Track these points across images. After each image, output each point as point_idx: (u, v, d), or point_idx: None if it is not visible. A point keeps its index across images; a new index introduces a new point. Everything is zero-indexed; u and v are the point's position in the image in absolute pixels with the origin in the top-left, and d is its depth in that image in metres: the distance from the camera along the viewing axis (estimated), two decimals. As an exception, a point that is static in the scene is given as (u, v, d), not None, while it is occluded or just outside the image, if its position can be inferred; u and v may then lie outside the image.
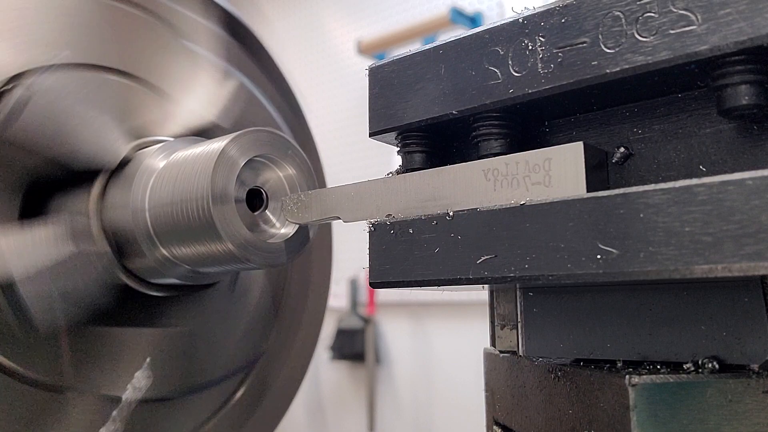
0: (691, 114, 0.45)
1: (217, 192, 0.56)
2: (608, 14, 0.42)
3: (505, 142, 0.49)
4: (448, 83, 0.50)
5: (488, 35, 0.49)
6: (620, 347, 0.49)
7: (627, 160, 0.47)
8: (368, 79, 0.56)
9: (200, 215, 0.57)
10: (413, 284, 0.49)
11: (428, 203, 0.49)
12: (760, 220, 0.33)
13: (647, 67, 0.40)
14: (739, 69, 0.38)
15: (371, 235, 0.52)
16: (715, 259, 0.34)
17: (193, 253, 0.60)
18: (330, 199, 0.56)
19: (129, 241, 0.63)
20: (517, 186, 0.45)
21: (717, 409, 0.42)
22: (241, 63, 0.80)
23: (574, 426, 0.47)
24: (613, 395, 0.44)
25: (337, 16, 4.34)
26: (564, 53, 0.44)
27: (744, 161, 0.42)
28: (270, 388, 0.80)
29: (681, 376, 0.43)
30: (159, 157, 0.64)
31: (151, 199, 0.61)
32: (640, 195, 0.37)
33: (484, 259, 0.44)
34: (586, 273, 0.39)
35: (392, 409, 3.81)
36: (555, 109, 0.51)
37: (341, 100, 4.02)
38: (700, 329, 0.45)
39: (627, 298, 0.49)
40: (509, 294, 0.59)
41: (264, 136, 0.60)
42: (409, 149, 0.55)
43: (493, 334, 0.62)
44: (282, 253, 0.60)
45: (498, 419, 0.59)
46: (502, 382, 0.58)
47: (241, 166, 0.58)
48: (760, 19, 0.36)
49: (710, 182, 0.35)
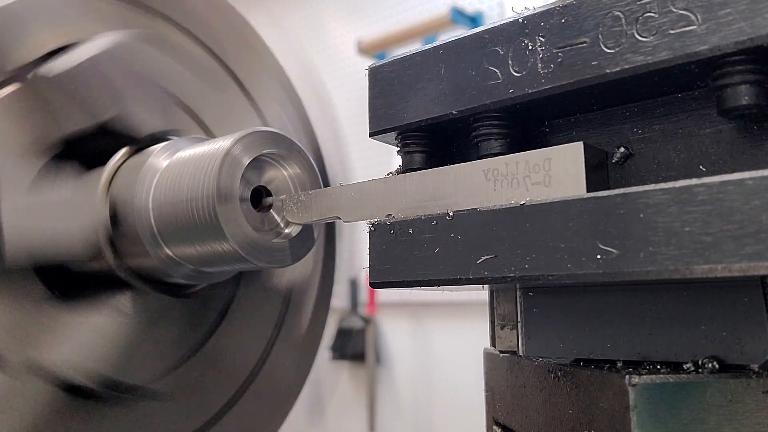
0: (691, 114, 0.45)
1: (222, 191, 0.56)
2: (608, 14, 0.42)
3: (505, 142, 0.49)
4: (448, 83, 0.50)
5: (488, 35, 0.49)
6: (620, 347, 0.49)
7: (627, 160, 0.47)
8: (368, 79, 0.56)
9: (205, 214, 0.57)
10: (413, 284, 0.49)
11: (428, 203, 0.49)
12: (760, 220, 0.33)
13: (647, 67, 0.40)
14: (739, 69, 0.38)
15: (371, 235, 0.52)
16: (715, 259, 0.34)
17: (197, 252, 0.60)
18: (330, 199, 0.56)
19: (133, 241, 0.63)
20: (517, 186, 0.45)
21: (717, 409, 0.42)
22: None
23: (574, 426, 0.47)
24: (613, 395, 0.44)
25: (337, 16, 4.35)
26: (564, 53, 0.44)
27: (744, 161, 0.42)
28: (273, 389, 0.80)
29: (681, 376, 0.43)
30: (163, 155, 0.64)
31: (155, 198, 0.61)
32: (640, 195, 0.37)
33: (484, 259, 0.44)
34: (586, 273, 0.39)
35: (392, 409, 3.81)
36: (555, 109, 0.50)
37: (341, 100, 4.02)
38: (700, 329, 0.45)
39: (627, 298, 0.49)
40: (509, 294, 0.59)
41: (268, 135, 0.60)
42: (409, 149, 0.55)
43: (493, 334, 0.62)
44: (286, 253, 0.60)
45: (498, 419, 0.59)
46: (502, 382, 0.58)
47: (246, 165, 0.58)
48: (760, 19, 0.36)
49: (710, 182, 0.35)
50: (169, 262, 0.62)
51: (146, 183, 0.62)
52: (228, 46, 0.78)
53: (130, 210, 0.62)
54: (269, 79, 0.82)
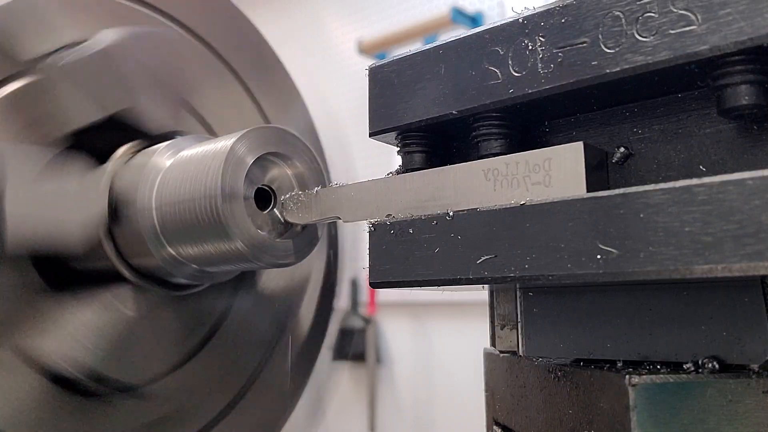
0: (691, 114, 0.45)
1: (226, 190, 0.56)
2: (608, 14, 0.42)
3: (505, 142, 0.49)
4: (448, 83, 0.50)
5: (488, 35, 0.49)
6: (620, 347, 0.49)
7: (627, 160, 0.47)
8: (368, 79, 0.56)
9: (209, 213, 0.56)
10: (413, 284, 0.49)
11: (428, 203, 0.49)
12: (760, 220, 0.33)
13: (647, 67, 0.40)
14: (739, 69, 0.38)
15: (371, 235, 0.52)
16: (715, 259, 0.34)
17: (200, 252, 0.60)
18: (330, 199, 0.56)
19: (135, 240, 0.62)
20: (517, 186, 0.45)
21: (717, 409, 0.42)
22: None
23: (574, 426, 0.47)
24: (613, 395, 0.44)
25: (337, 16, 4.35)
26: (564, 53, 0.44)
27: (744, 161, 0.42)
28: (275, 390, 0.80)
29: (681, 376, 0.43)
30: (166, 155, 0.64)
31: (158, 197, 0.61)
32: (640, 195, 0.37)
33: (484, 259, 0.44)
34: (586, 273, 0.39)
35: (393, 409, 3.81)
36: (555, 109, 0.50)
37: (341, 100, 4.02)
38: (700, 329, 0.45)
39: (627, 298, 0.49)
40: (509, 294, 0.59)
41: (272, 133, 0.60)
42: (409, 149, 0.55)
43: (493, 334, 0.62)
44: (290, 252, 0.60)
45: (498, 419, 0.59)
46: (502, 382, 0.58)
47: (250, 164, 0.58)
48: (760, 19, 0.36)
49: (710, 182, 0.35)
50: (172, 262, 0.62)
51: (149, 182, 0.62)
52: (229, 42, 0.78)
53: (133, 208, 0.62)
54: (270, 75, 0.82)
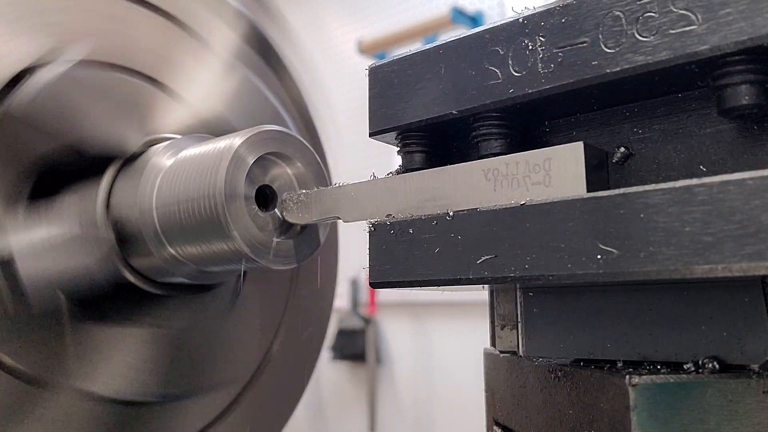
0: (691, 114, 0.45)
1: (227, 190, 0.56)
2: (608, 14, 0.42)
3: (505, 142, 0.49)
4: (448, 83, 0.50)
5: (488, 35, 0.49)
6: (620, 347, 0.49)
7: (627, 160, 0.47)
8: (368, 78, 0.56)
9: (209, 213, 0.56)
10: (413, 284, 0.49)
11: (428, 203, 0.49)
12: (761, 220, 0.33)
13: (647, 67, 0.40)
14: (739, 69, 0.38)
15: (371, 235, 0.52)
16: (715, 259, 0.34)
17: (201, 251, 0.60)
18: (330, 199, 0.56)
19: (136, 239, 0.62)
20: (517, 186, 0.45)
21: (717, 410, 0.42)
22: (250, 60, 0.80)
23: (574, 426, 0.47)
24: (614, 395, 0.44)
25: (337, 15, 4.35)
26: (564, 53, 0.44)
27: (744, 161, 0.42)
28: (275, 391, 0.80)
29: (681, 376, 0.43)
30: (166, 155, 0.63)
31: (159, 197, 0.61)
32: (640, 195, 0.37)
33: (484, 259, 0.44)
34: (586, 273, 0.39)
35: (393, 409, 3.81)
36: (555, 109, 0.50)
37: (341, 100, 4.02)
38: (700, 329, 0.45)
39: (627, 298, 0.49)
40: (509, 294, 0.59)
41: (273, 134, 0.60)
42: (409, 149, 0.55)
43: (493, 334, 0.62)
44: (291, 252, 0.60)
45: (498, 419, 0.59)
46: (502, 382, 0.58)
47: (251, 164, 0.58)
48: (760, 19, 0.36)
49: (710, 182, 0.35)
50: (172, 262, 0.62)
51: (150, 182, 0.62)
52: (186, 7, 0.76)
53: (133, 211, 0.62)
54: (228, 31, 0.80)
